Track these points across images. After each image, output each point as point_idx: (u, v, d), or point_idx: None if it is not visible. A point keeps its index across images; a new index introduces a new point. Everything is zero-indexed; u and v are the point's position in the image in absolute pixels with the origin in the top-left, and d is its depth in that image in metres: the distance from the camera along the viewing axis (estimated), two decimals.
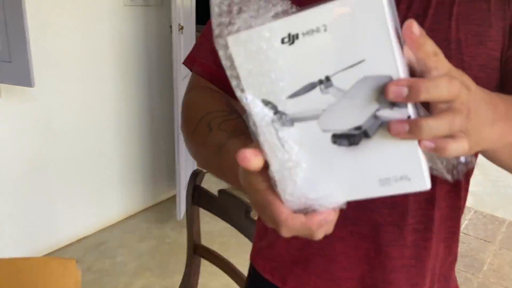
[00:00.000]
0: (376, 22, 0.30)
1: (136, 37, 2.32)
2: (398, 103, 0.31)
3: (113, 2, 2.16)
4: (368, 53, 0.31)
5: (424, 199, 0.62)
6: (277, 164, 0.35)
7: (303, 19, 0.32)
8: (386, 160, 0.34)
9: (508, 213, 2.77)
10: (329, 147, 0.34)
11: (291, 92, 0.34)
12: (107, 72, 2.23)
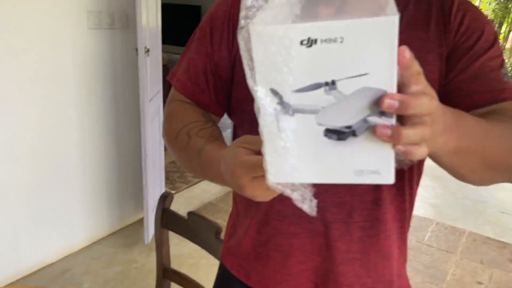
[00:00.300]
0: (386, 45, 0.35)
1: (101, 60, 2.31)
2: (385, 113, 0.38)
3: (77, 25, 2.15)
4: (373, 68, 0.36)
5: (370, 200, 0.69)
6: (271, 147, 0.41)
7: (325, 28, 0.36)
8: (364, 156, 0.40)
9: (468, 224, 2.89)
10: (320, 138, 0.40)
11: (298, 87, 0.38)
12: (71, 96, 2.21)
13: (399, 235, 0.74)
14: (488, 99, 0.61)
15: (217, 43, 0.72)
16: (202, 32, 0.74)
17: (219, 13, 0.73)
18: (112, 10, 2.30)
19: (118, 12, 2.33)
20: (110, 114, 2.44)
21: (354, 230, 0.70)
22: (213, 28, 0.73)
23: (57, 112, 2.16)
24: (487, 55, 0.62)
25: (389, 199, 0.70)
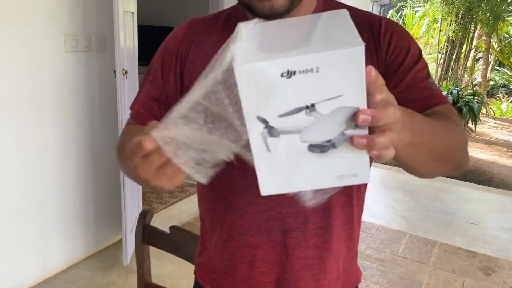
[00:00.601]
0: (355, 70, 0.41)
1: (78, 83, 2.32)
2: (359, 126, 0.44)
3: (54, 48, 2.17)
4: (345, 90, 0.42)
5: (322, 209, 0.76)
6: (262, 166, 0.47)
7: (302, 61, 0.41)
8: (344, 163, 0.46)
9: (439, 235, 3.00)
10: (305, 153, 0.46)
11: (282, 112, 0.44)
12: (48, 119, 2.20)
13: (348, 236, 0.82)
14: (422, 106, 0.69)
15: (167, 75, 0.79)
16: (155, 65, 0.81)
17: (170, 47, 0.80)
18: (89, 33, 2.33)
19: (95, 35, 2.36)
20: (87, 136, 2.44)
21: (309, 238, 0.77)
22: (164, 60, 0.79)
23: (33, 135, 2.15)
24: (415, 68, 0.71)
25: (339, 206, 0.77)
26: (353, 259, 0.87)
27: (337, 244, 0.80)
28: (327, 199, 0.55)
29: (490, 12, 5.94)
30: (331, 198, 0.76)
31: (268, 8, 0.68)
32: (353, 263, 0.87)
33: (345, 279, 0.85)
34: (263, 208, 0.76)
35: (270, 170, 0.47)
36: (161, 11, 4.96)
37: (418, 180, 4.03)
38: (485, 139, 6.31)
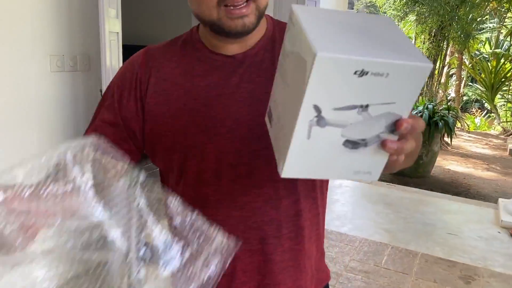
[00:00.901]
0: (417, 84, 0.45)
1: (63, 102, 2.34)
2: (394, 131, 0.49)
3: (40, 68, 2.18)
4: (400, 99, 0.46)
5: (293, 214, 0.82)
6: (295, 149, 0.49)
7: (378, 65, 0.43)
8: (365, 161, 0.50)
9: (419, 246, 3.08)
10: (338, 146, 0.49)
11: (339, 106, 0.46)
12: (34, 138, 2.21)
13: (316, 236, 0.88)
14: None
15: (126, 100, 0.82)
16: (109, 92, 0.85)
17: (127, 75, 0.84)
18: (74, 53, 2.35)
19: (80, 55, 2.39)
20: None
21: (284, 242, 0.82)
22: (120, 87, 0.83)
23: (19, 154, 2.14)
24: None
25: (307, 209, 0.84)
26: (322, 257, 0.94)
27: (308, 244, 0.85)
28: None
29: (461, 30, 6.21)
30: (300, 202, 0.82)
31: (241, 26, 0.73)
32: (322, 261, 0.94)
33: (317, 277, 0.90)
34: (239, 220, 0.79)
35: (300, 156, 0.49)
36: (145, 31, 5.02)
37: (398, 192, 4.14)
38: (461, 152, 6.52)
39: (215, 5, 0.71)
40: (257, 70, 0.80)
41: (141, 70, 0.83)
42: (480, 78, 8.98)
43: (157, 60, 0.83)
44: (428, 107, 4.78)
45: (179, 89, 0.81)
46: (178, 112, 0.80)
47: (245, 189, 0.79)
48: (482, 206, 3.90)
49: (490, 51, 9.21)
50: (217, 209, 0.80)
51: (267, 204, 0.80)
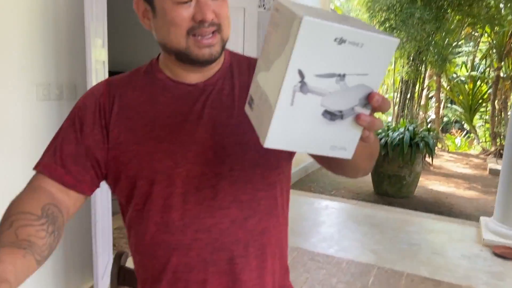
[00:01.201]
0: (386, 58, 0.50)
1: (49, 131, 2.35)
2: (367, 106, 0.53)
3: (26, 97, 2.20)
4: (372, 71, 0.51)
5: (259, 232, 0.85)
6: (279, 116, 0.51)
7: (355, 34, 0.48)
8: (341, 135, 0.54)
9: (405, 266, 3.12)
10: (318, 117, 0.52)
11: (320, 73, 0.50)
12: (18, 167, 2.20)
13: (280, 253, 0.91)
14: None
15: (89, 129, 0.84)
16: (69, 123, 0.86)
17: (88, 104, 0.86)
18: (61, 82, 2.39)
19: (66, 83, 2.42)
20: None
21: (251, 261, 0.85)
22: (81, 117, 0.85)
23: (3, 183, 2.14)
24: None
25: (271, 226, 0.87)
26: (286, 274, 0.96)
27: (272, 261, 0.88)
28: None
29: (438, 55, 6.43)
30: (264, 220, 0.85)
31: (208, 55, 0.79)
32: (286, 279, 0.96)
33: None
34: (206, 242, 0.82)
35: (283, 124, 0.52)
36: (129, 57, 5.08)
37: (383, 213, 4.19)
38: (443, 172, 6.64)
39: (184, 34, 0.77)
40: (218, 97, 0.85)
41: (103, 100, 0.85)
42: (458, 100, 9.25)
43: (120, 89, 0.86)
44: (409, 128, 4.90)
45: (144, 116, 0.84)
46: (143, 139, 0.82)
47: (211, 211, 0.82)
48: (464, 225, 3.97)
49: (467, 74, 9.53)
50: (184, 233, 0.82)
51: (233, 225, 0.83)
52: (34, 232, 0.71)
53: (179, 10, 0.75)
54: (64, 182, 0.83)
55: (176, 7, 0.76)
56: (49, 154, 0.85)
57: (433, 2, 6.07)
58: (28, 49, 2.18)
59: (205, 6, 0.75)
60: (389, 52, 0.50)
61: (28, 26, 2.16)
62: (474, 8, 6.36)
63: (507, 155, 3.58)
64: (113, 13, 4.70)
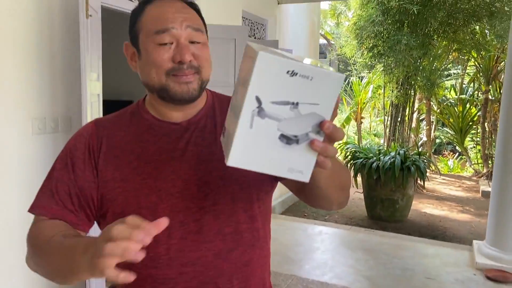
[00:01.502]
0: (335, 91, 0.57)
1: (44, 163, 2.38)
2: (320, 133, 0.58)
3: (21, 131, 2.24)
4: (322, 102, 0.57)
5: (243, 264, 0.89)
6: (240, 138, 0.57)
7: (305, 68, 0.56)
8: (297, 159, 0.59)
9: None
10: (275, 140, 0.58)
11: (275, 100, 0.57)
12: (14, 200, 2.22)
13: (264, 285, 0.95)
14: None
15: (80, 169, 0.88)
16: (61, 164, 0.90)
17: (78, 146, 0.90)
18: (56, 115, 2.43)
19: (61, 117, 2.47)
20: None
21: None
22: (73, 158, 0.89)
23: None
24: None
25: (255, 258, 0.91)
26: None
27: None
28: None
29: (426, 79, 6.58)
30: (248, 252, 0.89)
31: (186, 91, 0.84)
32: None
33: None
34: (192, 275, 0.85)
35: (244, 144, 0.58)
36: (121, 86, 5.16)
37: (376, 238, 4.21)
38: (435, 195, 6.69)
39: (165, 73, 0.83)
40: (201, 135, 0.90)
41: (92, 140, 0.89)
42: (449, 123, 9.39)
43: (107, 130, 0.91)
44: (400, 152, 4.97)
45: (130, 154, 0.88)
46: (129, 176, 0.86)
47: (196, 245, 0.85)
48: (457, 249, 3.99)
49: (456, 97, 9.71)
50: (170, 267, 0.84)
51: (218, 258, 0.86)
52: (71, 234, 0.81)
53: (160, 51, 0.82)
54: (70, 222, 0.87)
55: (158, 49, 0.82)
56: (46, 197, 0.88)
57: (419, 29, 6.25)
58: (24, 84, 2.23)
59: (184, 48, 0.82)
60: (336, 85, 0.57)
61: (24, 61, 2.22)
62: (459, 34, 6.55)
63: (496, 177, 3.64)
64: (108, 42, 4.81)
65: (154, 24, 0.83)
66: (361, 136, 10.11)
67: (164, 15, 0.83)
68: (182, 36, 0.82)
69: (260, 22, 5.06)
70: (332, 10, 10.63)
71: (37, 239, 0.82)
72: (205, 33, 0.88)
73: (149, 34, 0.83)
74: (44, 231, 0.82)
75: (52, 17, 2.34)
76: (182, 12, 0.84)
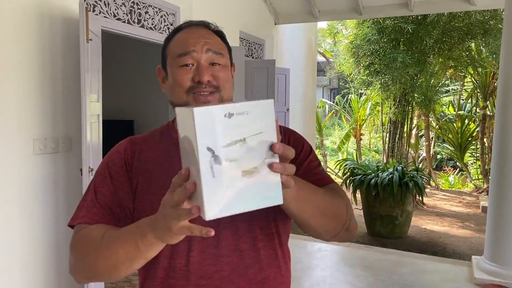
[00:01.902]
0: (270, 115, 0.62)
1: (44, 182, 2.43)
2: (274, 155, 0.62)
3: (23, 151, 2.30)
4: (264, 129, 0.62)
5: (258, 281, 0.91)
6: (208, 190, 0.60)
7: (239, 107, 0.60)
8: (265, 186, 0.63)
9: None
10: (239, 178, 0.61)
11: (224, 144, 0.60)
12: (14, 217, 2.27)
13: None
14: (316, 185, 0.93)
15: (119, 182, 0.93)
16: (100, 178, 0.94)
17: (115, 160, 0.96)
18: (56, 136, 2.49)
19: (62, 137, 2.53)
20: (51, 233, 2.49)
21: None
22: (111, 172, 0.94)
23: (0, 234, 2.19)
24: (308, 159, 0.99)
25: (272, 277, 0.94)
26: None
27: None
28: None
29: (423, 96, 6.67)
30: (264, 270, 0.92)
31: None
32: None
33: None
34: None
35: (214, 194, 0.61)
36: (124, 107, 5.24)
37: (376, 254, 4.21)
38: (436, 211, 6.69)
39: (185, 92, 0.90)
40: None
41: (127, 155, 0.96)
42: (448, 138, 9.43)
43: (140, 146, 0.98)
44: (398, 168, 5.00)
45: (159, 169, 0.94)
46: (158, 189, 0.90)
47: (214, 258, 0.89)
48: (456, 265, 3.99)
49: (454, 112, 9.78)
50: (188, 279, 0.89)
51: (234, 273, 0.89)
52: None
53: (181, 72, 0.91)
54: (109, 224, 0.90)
55: (180, 70, 0.91)
56: (89, 207, 0.91)
57: (414, 47, 6.36)
58: (26, 105, 2.30)
59: (203, 69, 0.90)
60: (268, 111, 0.62)
61: (27, 83, 2.29)
62: (455, 51, 6.66)
63: (493, 192, 3.66)
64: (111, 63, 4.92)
65: (178, 48, 0.92)
66: (361, 153, 10.16)
67: (187, 40, 0.92)
68: (202, 58, 0.90)
69: (257, 42, 5.17)
70: (330, 29, 10.81)
71: (86, 243, 0.85)
72: (227, 56, 0.95)
73: (173, 57, 0.92)
74: (92, 232, 0.85)
75: (54, 41, 2.42)
76: (205, 37, 0.92)
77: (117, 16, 3.07)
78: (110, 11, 3.00)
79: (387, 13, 5.07)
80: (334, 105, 12.56)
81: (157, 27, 3.51)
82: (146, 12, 3.39)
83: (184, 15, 3.72)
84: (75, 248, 0.87)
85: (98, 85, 2.65)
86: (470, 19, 6.03)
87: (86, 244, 0.84)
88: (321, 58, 14.82)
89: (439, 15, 5.97)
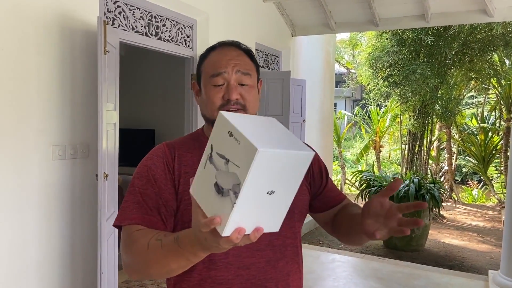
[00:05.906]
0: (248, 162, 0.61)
1: (62, 187, 2.55)
2: (236, 194, 0.62)
3: (43, 157, 2.43)
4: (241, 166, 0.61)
5: (285, 273, 1.05)
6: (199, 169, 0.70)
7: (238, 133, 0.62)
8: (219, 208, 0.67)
9: None
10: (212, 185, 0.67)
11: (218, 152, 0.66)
12: (31, 220, 2.38)
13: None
14: (337, 200, 1.17)
15: (163, 183, 1.01)
16: (142, 180, 1.00)
17: (157, 164, 1.03)
18: (75, 142, 2.62)
19: (80, 143, 2.65)
20: (68, 236, 2.60)
21: None
22: (154, 175, 1.01)
23: (19, 236, 2.31)
24: (328, 178, 1.19)
25: (293, 271, 1.06)
26: None
27: None
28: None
29: (443, 107, 6.59)
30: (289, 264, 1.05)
31: None
32: None
33: None
34: (247, 278, 1.00)
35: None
36: (141, 116, 5.39)
37: (390, 266, 4.17)
38: (455, 225, 6.55)
39: (217, 108, 1.02)
40: None
41: (168, 158, 1.04)
42: (470, 151, 9.25)
43: (178, 150, 1.06)
44: (414, 180, 4.96)
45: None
46: None
47: (250, 252, 1.00)
48: (472, 279, 3.91)
49: (477, 125, 9.59)
50: (228, 270, 1.00)
51: (268, 264, 1.02)
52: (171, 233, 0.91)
53: (214, 91, 1.02)
54: (158, 229, 0.97)
55: (213, 89, 1.02)
56: (135, 208, 0.98)
57: (434, 59, 6.31)
58: (46, 113, 2.43)
59: (232, 89, 1.01)
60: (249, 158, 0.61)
61: (47, 92, 2.43)
62: (476, 63, 6.58)
63: (509, 206, 3.60)
64: (131, 74, 5.09)
65: (212, 69, 1.03)
66: (380, 165, 10.05)
67: (219, 62, 1.03)
68: (232, 78, 1.02)
69: (274, 54, 5.25)
70: (352, 40, 10.81)
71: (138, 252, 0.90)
72: (254, 76, 1.06)
73: (207, 76, 1.04)
74: (140, 240, 0.91)
75: (74, 53, 2.56)
76: (235, 59, 1.03)
77: (136, 29, 3.21)
78: (129, 24, 3.14)
79: (404, 25, 5.07)
80: (354, 116, 12.50)
81: (174, 39, 3.64)
82: (163, 25, 3.52)
83: (200, 28, 3.83)
84: (127, 249, 0.93)
85: (116, 94, 2.76)
86: (492, 31, 5.95)
87: (139, 252, 0.90)
88: (343, 69, 14.80)
89: (460, 27, 5.92)
